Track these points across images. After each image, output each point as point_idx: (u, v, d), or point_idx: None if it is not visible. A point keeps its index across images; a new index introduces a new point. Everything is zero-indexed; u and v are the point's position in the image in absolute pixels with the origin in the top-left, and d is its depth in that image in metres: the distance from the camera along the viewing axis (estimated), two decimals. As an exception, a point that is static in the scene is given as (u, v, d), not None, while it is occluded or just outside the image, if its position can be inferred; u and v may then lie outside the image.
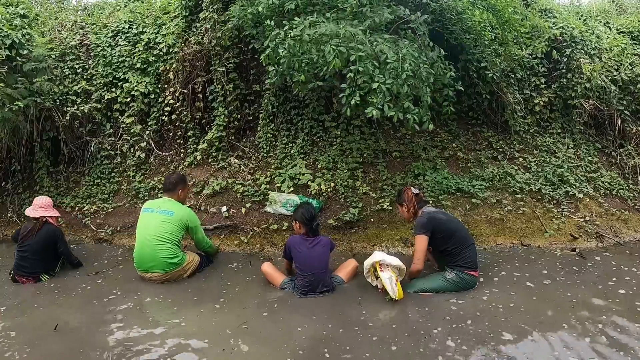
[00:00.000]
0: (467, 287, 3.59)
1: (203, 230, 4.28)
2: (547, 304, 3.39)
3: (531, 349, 2.80)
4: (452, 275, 3.56)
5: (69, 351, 2.92)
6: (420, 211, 3.75)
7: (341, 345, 2.87)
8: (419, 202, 3.80)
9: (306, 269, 3.57)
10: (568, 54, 5.99)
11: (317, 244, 3.65)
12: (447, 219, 3.74)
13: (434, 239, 3.62)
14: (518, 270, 4.02)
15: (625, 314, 3.20)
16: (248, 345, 2.92)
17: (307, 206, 3.83)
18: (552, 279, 3.83)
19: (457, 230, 3.66)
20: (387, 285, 3.38)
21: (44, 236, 4.14)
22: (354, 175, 5.11)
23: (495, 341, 2.89)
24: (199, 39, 5.59)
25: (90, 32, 6.31)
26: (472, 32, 5.14)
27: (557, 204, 5.16)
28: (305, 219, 3.68)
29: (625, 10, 7.78)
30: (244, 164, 5.46)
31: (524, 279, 3.82)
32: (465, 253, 3.59)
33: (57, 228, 4.32)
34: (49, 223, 4.25)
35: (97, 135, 6.08)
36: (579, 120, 6.13)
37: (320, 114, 5.46)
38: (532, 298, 3.48)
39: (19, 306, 3.63)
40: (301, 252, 3.61)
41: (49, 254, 4.19)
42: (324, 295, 3.54)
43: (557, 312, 3.26)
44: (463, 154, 5.51)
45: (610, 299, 3.45)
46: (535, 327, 3.04)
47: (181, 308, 3.53)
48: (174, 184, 4.16)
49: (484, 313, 3.25)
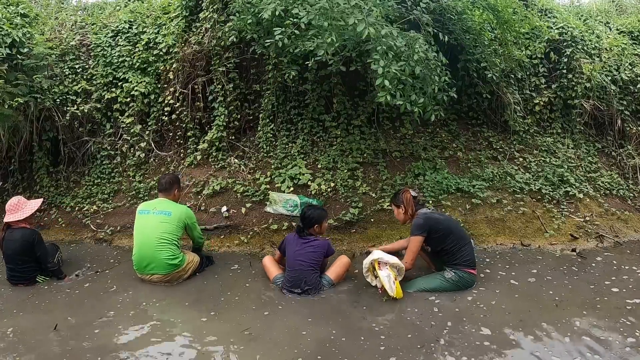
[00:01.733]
0: (466, 286, 3.61)
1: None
2: (531, 302, 3.43)
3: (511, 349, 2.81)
4: (451, 274, 3.58)
5: (68, 351, 2.91)
6: (416, 213, 3.77)
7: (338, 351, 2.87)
8: (417, 205, 3.83)
9: (291, 264, 3.64)
10: (568, 54, 5.99)
11: (309, 243, 3.68)
12: (444, 218, 3.82)
13: (431, 238, 3.65)
14: (515, 269, 4.02)
15: (612, 312, 3.23)
16: (251, 348, 2.92)
17: (314, 209, 3.90)
18: (542, 277, 3.84)
19: (454, 229, 3.70)
20: (385, 283, 3.39)
21: (19, 243, 3.90)
22: (354, 175, 5.11)
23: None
24: (199, 39, 5.59)
25: (90, 32, 6.31)
26: (472, 32, 5.14)
27: (557, 204, 5.16)
28: (303, 221, 3.79)
29: (625, 10, 7.79)
30: (244, 164, 5.46)
31: (525, 278, 3.83)
32: (463, 251, 3.62)
33: (32, 231, 4.02)
34: (23, 228, 3.99)
35: (97, 135, 6.07)
36: (579, 120, 6.13)
37: (320, 114, 5.46)
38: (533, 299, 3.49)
39: (19, 307, 3.63)
40: (291, 248, 3.69)
41: (33, 258, 3.98)
42: (310, 296, 3.52)
43: (540, 310, 3.29)
44: (463, 154, 5.51)
45: (600, 297, 3.47)
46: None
47: (182, 309, 3.53)
48: (170, 184, 4.15)
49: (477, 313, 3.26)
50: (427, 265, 4.05)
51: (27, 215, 4.05)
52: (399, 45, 3.60)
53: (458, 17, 4.98)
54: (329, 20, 3.61)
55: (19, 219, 4.00)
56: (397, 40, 3.60)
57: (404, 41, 3.66)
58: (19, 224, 4.01)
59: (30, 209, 4.09)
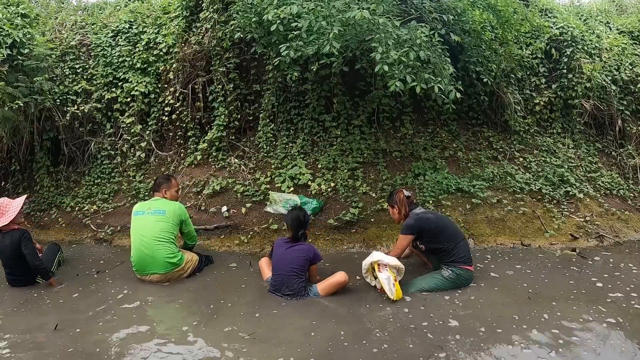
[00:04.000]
0: (464, 283, 3.64)
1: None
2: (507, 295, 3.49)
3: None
4: (449, 272, 3.61)
5: (68, 351, 2.92)
6: (410, 213, 3.82)
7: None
8: (410, 205, 3.87)
9: (275, 268, 3.63)
10: (568, 53, 5.99)
11: (294, 248, 3.60)
12: (435, 217, 3.83)
13: (423, 237, 3.72)
14: (517, 269, 4.03)
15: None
16: (251, 349, 2.92)
17: (299, 212, 3.77)
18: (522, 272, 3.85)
19: (446, 227, 3.73)
20: (384, 285, 3.39)
21: (9, 245, 3.83)
22: (354, 175, 5.12)
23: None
24: (199, 39, 5.59)
25: (91, 32, 6.31)
26: (472, 33, 5.14)
27: (557, 204, 5.16)
28: (292, 223, 3.66)
29: (625, 10, 7.79)
30: (244, 163, 5.46)
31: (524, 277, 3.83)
32: (458, 248, 3.65)
33: (20, 231, 3.91)
34: (12, 230, 3.89)
35: (97, 135, 6.08)
36: (579, 120, 6.14)
37: (320, 114, 5.46)
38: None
39: (18, 307, 3.63)
40: (277, 253, 3.66)
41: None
42: (289, 298, 3.49)
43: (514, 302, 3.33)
44: (463, 154, 5.51)
45: (578, 291, 3.51)
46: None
47: (181, 309, 3.53)
48: (158, 184, 4.18)
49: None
50: (422, 263, 4.12)
51: (12, 218, 3.88)
52: (400, 34, 3.64)
53: (458, 18, 4.99)
54: (327, 19, 3.63)
55: (4, 224, 3.85)
56: (398, 30, 3.66)
57: (406, 30, 3.72)
58: (8, 227, 3.89)
59: (14, 210, 3.92)
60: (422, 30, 3.85)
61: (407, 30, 3.81)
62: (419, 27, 3.91)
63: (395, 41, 3.65)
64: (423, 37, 3.78)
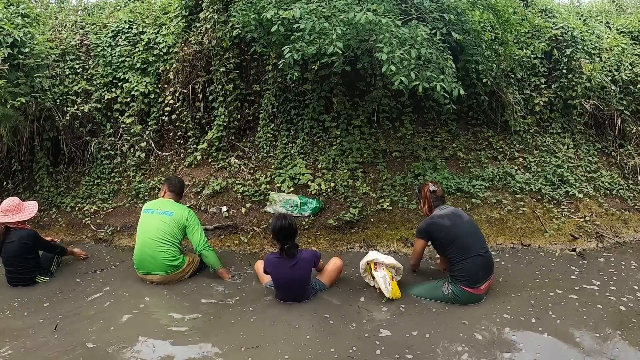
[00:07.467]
0: (463, 303, 3.32)
1: (203, 231, 4.09)
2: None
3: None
4: (449, 291, 3.35)
5: (68, 351, 2.92)
6: (432, 213, 3.56)
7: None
8: (435, 200, 3.60)
9: (285, 290, 3.43)
10: (568, 54, 5.99)
11: (298, 266, 3.34)
12: (451, 224, 3.41)
13: (434, 244, 3.53)
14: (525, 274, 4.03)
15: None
16: (251, 351, 2.92)
17: (282, 221, 3.35)
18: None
19: (459, 238, 3.35)
20: (380, 284, 3.39)
21: (17, 244, 3.89)
22: (354, 175, 5.12)
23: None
24: (199, 39, 5.59)
25: (90, 32, 6.31)
26: (472, 33, 5.14)
27: (557, 204, 5.16)
28: (277, 235, 3.36)
29: (625, 10, 7.78)
30: (244, 164, 5.46)
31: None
32: (463, 265, 3.29)
33: (29, 231, 4.02)
34: (20, 228, 3.98)
35: (97, 135, 6.08)
36: (579, 120, 6.14)
37: (320, 114, 5.46)
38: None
39: (18, 307, 3.63)
40: (280, 275, 3.38)
41: (33, 258, 4.01)
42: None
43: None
44: (463, 154, 5.51)
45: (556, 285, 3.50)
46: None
47: (181, 309, 3.53)
48: (180, 188, 4.22)
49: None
50: (439, 267, 3.88)
51: (29, 217, 4.05)
52: (402, 33, 3.65)
53: (458, 18, 4.99)
54: (329, 20, 3.63)
55: (21, 220, 3.99)
56: (400, 29, 3.67)
57: (407, 29, 3.74)
58: (17, 225, 3.99)
59: (31, 211, 4.10)
60: (423, 29, 3.87)
61: (407, 29, 3.82)
62: (419, 26, 3.93)
63: (398, 40, 3.65)
64: (424, 35, 3.79)
